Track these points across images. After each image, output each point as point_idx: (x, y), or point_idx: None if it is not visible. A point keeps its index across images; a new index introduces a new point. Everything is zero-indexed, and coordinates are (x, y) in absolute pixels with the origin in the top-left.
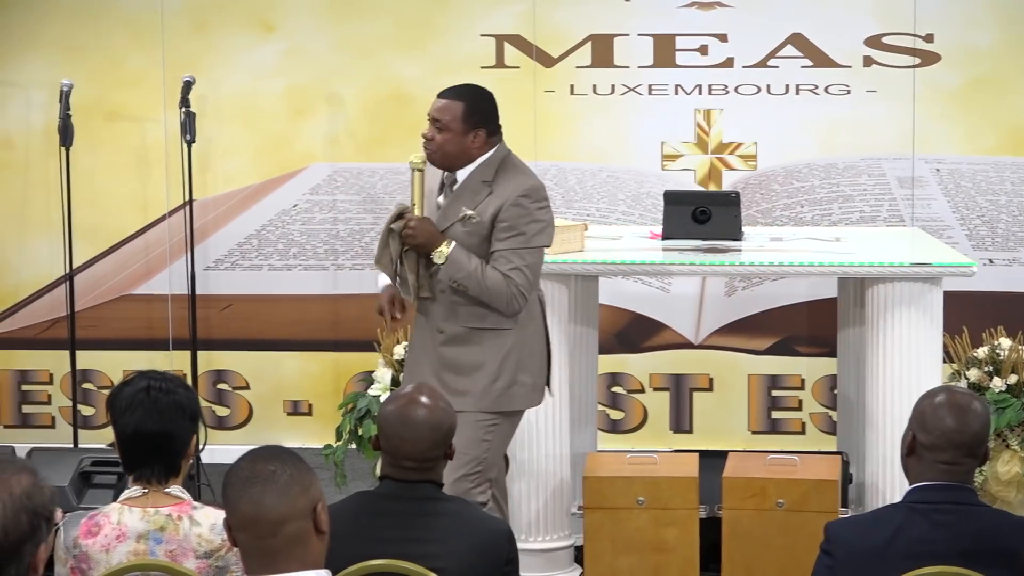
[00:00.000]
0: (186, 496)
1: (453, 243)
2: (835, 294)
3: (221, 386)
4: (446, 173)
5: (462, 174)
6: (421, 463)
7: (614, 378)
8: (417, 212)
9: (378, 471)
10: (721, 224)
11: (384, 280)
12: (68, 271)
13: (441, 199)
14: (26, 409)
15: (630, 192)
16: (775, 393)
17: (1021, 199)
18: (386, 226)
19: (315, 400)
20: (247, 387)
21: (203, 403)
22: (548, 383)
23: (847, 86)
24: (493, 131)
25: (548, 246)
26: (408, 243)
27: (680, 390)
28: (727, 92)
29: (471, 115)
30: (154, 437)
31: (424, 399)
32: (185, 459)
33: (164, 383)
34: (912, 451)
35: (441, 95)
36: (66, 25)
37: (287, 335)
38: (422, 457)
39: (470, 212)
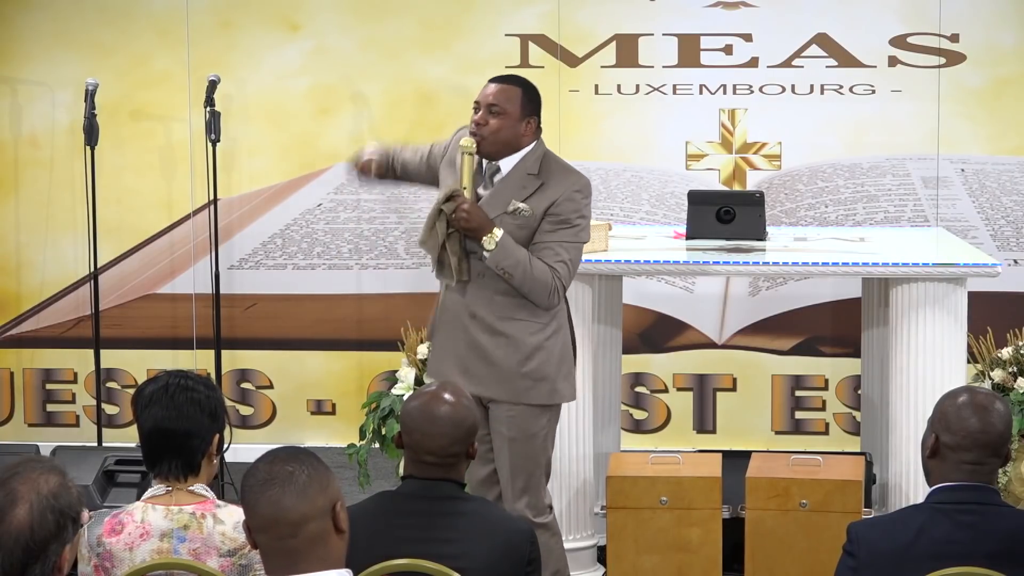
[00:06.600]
0: (210, 494)
1: (502, 230)
2: (859, 294)
3: (245, 385)
4: (486, 164)
5: (506, 165)
6: (442, 459)
7: (637, 378)
8: (467, 196)
9: (401, 470)
10: (745, 224)
11: (371, 147)
12: (93, 270)
13: (481, 189)
14: (50, 408)
15: (654, 192)
16: (799, 393)
17: None
18: (436, 206)
19: (338, 399)
20: (271, 386)
21: (227, 402)
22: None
23: (872, 86)
24: (539, 122)
25: (587, 242)
26: (458, 226)
27: (703, 390)
28: (752, 92)
29: (528, 101)
30: (171, 433)
31: (447, 396)
32: (207, 458)
33: (185, 380)
34: (935, 453)
35: (495, 80)
36: (91, 24)
37: (311, 334)
38: (444, 452)
39: (522, 205)
